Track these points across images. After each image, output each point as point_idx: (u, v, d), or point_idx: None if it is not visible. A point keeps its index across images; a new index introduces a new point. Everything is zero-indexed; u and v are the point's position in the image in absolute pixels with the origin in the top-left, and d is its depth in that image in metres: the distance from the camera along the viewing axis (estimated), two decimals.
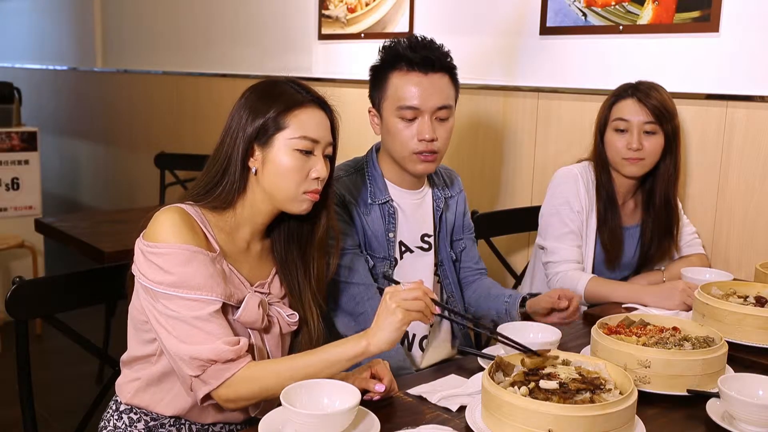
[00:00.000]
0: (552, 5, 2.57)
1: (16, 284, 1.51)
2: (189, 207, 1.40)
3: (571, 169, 2.19)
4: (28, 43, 6.60)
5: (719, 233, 2.28)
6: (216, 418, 1.46)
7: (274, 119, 1.41)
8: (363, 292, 1.77)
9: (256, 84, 1.48)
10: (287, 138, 1.40)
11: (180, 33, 4.53)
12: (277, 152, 1.41)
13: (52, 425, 2.89)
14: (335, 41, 3.43)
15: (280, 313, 1.47)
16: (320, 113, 1.45)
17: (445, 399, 1.35)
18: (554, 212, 2.16)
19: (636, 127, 2.07)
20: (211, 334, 1.30)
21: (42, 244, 4.25)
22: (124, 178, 5.31)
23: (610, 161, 2.15)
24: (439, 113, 1.78)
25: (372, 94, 1.86)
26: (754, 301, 1.71)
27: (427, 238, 1.92)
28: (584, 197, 2.15)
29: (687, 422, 1.30)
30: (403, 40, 1.80)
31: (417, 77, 1.76)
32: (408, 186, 1.89)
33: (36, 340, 3.87)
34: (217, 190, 1.43)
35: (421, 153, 1.78)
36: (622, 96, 2.11)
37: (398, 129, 1.78)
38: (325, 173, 1.44)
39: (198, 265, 1.32)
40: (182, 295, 1.31)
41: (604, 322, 1.53)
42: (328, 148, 1.46)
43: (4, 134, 4.27)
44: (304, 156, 1.41)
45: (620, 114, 2.09)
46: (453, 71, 1.83)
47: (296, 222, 1.52)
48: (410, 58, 1.76)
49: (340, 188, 1.81)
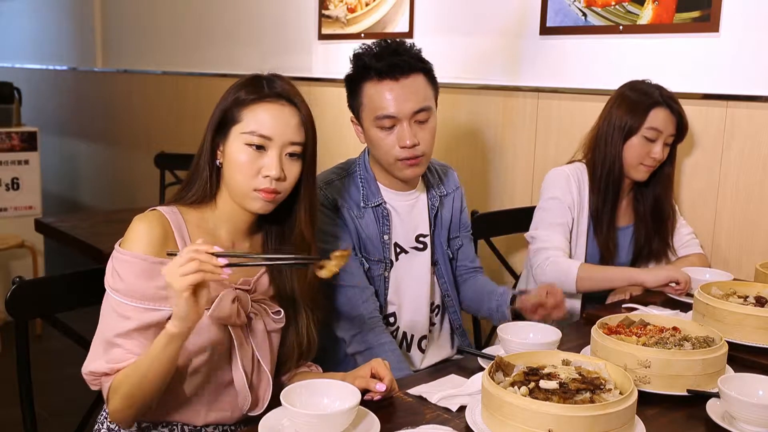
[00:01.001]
0: (552, 5, 2.57)
1: (16, 284, 1.51)
2: (168, 209, 1.40)
3: (563, 169, 2.21)
4: (28, 43, 6.60)
5: (719, 233, 2.28)
6: (207, 419, 1.45)
7: (232, 112, 1.41)
8: (358, 295, 1.76)
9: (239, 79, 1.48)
10: (240, 132, 1.39)
11: (180, 33, 4.53)
12: (231, 145, 1.40)
13: (52, 425, 2.88)
14: (335, 41, 3.43)
15: (266, 310, 1.46)
16: (282, 109, 1.41)
17: (445, 399, 1.35)
18: (545, 207, 2.18)
19: (663, 138, 2.11)
20: (108, 352, 1.32)
21: (42, 244, 4.25)
22: (124, 178, 5.31)
23: (624, 163, 2.15)
24: (417, 116, 1.75)
25: (350, 104, 1.84)
26: (754, 301, 1.70)
27: (423, 237, 1.91)
28: (576, 196, 2.16)
29: (687, 422, 1.30)
30: (373, 45, 1.77)
31: (389, 84, 1.73)
32: (400, 188, 1.88)
33: (36, 340, 3.87)
34: (194, 185, 1.44)
35: (405, 159, 1.76)
36: (656, 104, 2.10)
37: (379, 138, 1.76)
38: (278, 172, 1.38)
39: (153, 275, 1.33)
40: (130, 303, 1.32)
41: (604, 322, 1.53)
42: (290, 147, 1.40)
43: (4, 134, 4.27)
44: (256, 152, 1.38)
45: (656, 124, 2.09)
46: (427, 70, 1.79)
47: (283, 221, 1.51)
48: (378, 68, 1.73)
49: (333, 192, 1.80)
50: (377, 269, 1.83)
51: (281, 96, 1.42)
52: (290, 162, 1.41)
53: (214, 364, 1.42)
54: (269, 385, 1.46)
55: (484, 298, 1.95)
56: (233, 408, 1.46)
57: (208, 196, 1.44)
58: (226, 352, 1.42)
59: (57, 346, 3.69)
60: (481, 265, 2.08)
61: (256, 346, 1.44)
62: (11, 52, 6.83)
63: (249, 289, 1.46)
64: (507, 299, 1.87)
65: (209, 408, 1.44)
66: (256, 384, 1.46)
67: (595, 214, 2.17)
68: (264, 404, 1.46)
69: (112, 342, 1.33)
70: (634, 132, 2.11)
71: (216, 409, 1.45)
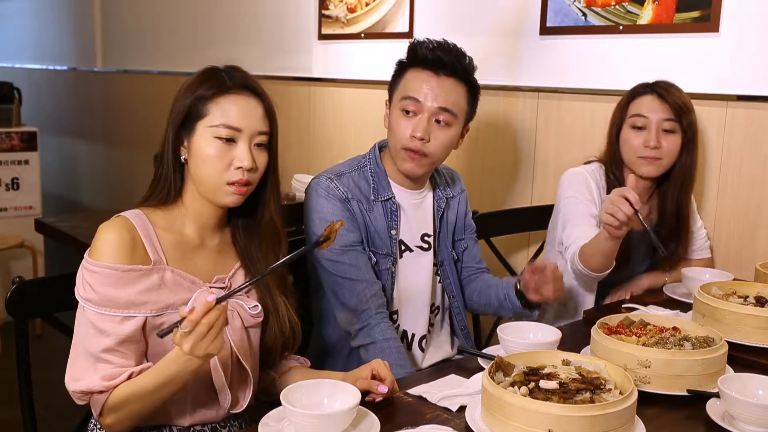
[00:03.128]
0: (552, 5, 2.57)
1: (16, 284, 1.51)
2: (133, 214, 1.40)
3: (580, 170, 2.13)
4: (28, 43, 6.60)
5: (719, 233, 2.28)
6: (193, 419, 1.44)
7: (196, 106, 1.40)
8: (366, 289, 1.77)
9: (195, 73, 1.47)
10: (207, 126, 1.39)
11: (180, 33, 4.53)
12: (198, 140, 1.39)
13: (52, 425, 2.89)
14: (335, 41, 3.43)
15: (242, 306, 1.46)
16: (248, 100, 1.41)
17: (445, 399, 1.34)
18: (563, 208, 2.07)
19: (655, 125, 2.01)
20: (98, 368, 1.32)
21: (42, 244, 4.25)
22: (124, 178, 5.31)
23: (625, 161, 2.08)
24: (439, 115, 1.77)
25: (390, 86, 1.88)
26: (754, 301, 1.70)
27: (427, 237, 1.92)
28: (596, 195, 2.08)
29: (687, 422, 1.30)
30: (433, 41, 1.80)
31: (428, 75, 1.78)
32: (409, 186, 1.89)
33: (36, 340, 3.87)
34: (159, 185, 1.44)
35: (409, 150, 1.78)
36: (640, 93, 2.05)
37: (397, 120, 1.80)
38: (249, 162, 1.39)
39: (125, 284, 1.33)
40: (105, 312, 1.32)
41: (604, 322, 1.53)
42: (258, 137, 1.42)
43: (4, 134, 4.27)
44: (226, 144, 1.38)
45: (638, 110, 2.03)
46: (471, 85, 1.83)
47: (250, 213, 1.51)
48: (426, 57, 1.77)
49: (343, 184, 1.81)
50: (384, 263, 1.83)
51: (246, 87, 1.42)
52: (258, 152, 1.42)
53: None
54: (250, 383, 1.46)
55: (491, 292, 1.95)
56: (217, 407, 1.45)
57: (173, 194, 1.43)
58: None
59: (57, 346, 3.68)
60: (484, 262, 2.08)
61: (235, 344, 1.43)
62: (11, 52, 6.84)
63: (224, 287, 1.45)
64: (512, 287, 1.88)
65: (193, 408, 1.43)
66: (236, 382, 1.46)
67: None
68: (245, 402, 1.46)
69: (100, 358, 1.32)
70: (622, 124, 2.07)
71: (200, 409, 1.44)
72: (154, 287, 1.36)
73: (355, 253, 1.78)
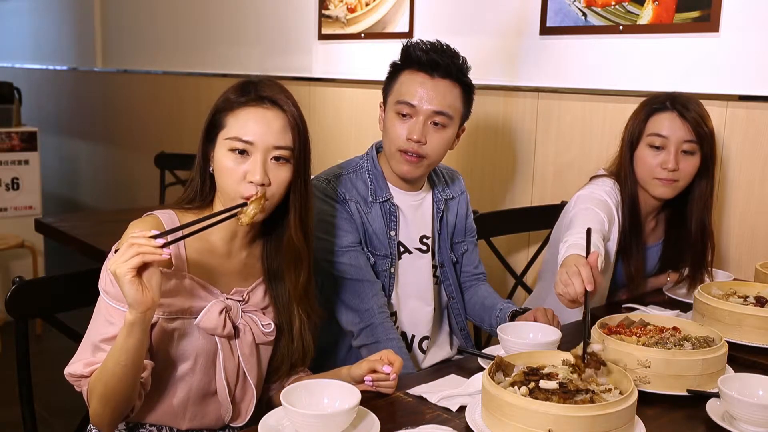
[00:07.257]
0: (552, 5, 2.57)
1: (16, 284, 1.51)
2: (164, 213, 1.40)
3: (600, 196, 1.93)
4: (28, 43, 6.61)
5: (719, 233, 2.27)
6: (191, 425, 1.44)
7: (217, 118, 1.40)
8: (367, 289, 1.77)
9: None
10: (224, 138, 1.38)
11: (180, 33, 4.53)
12: (218, 151, 1.39)
13: (52, 425, 2.89)
14: (335, 41, 3.43)
15: (255, 321, 1.44)
16: (265, 113, 1.37)
17: (445, 399, 1.35)
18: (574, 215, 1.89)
19: (674, 145, 1.90)
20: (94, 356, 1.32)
21: (42, 244, 4.25)
22: (124, 178, 5.31)
23: (639, 179, 1.98)
24: (435, 117, 1.76)
25: (384, 88, 1.87)
26: (754, 301, 1.71)
27: (426, 239, 1.92)
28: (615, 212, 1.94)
29: (687, 422, 1.30)
30: (426, 41, 1.80)
31: (423, 77, 1.76)
32: (406, 187, 1.88)
33: (36, 340, 3.87)
34: (190, 189, 1.44)
35: (406, 152, 1.77)
36: (660, 108, 1.94)
37: (393, 123, 1.79)
38: (261, 177, 1.34)
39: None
40: (119, 307, 1.31)
41: (604, 322, 1.54)
42: (275, 151, 1.36)
43: (4, 134, 4.27)
44: (239, 157, 1.36)
45: (658, 129, 1.92)
46: (466, 86, 1.81)
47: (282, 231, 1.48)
48: (420, 58, 1.76)
49: (341, 185, 1.81)
50: (383, 264, 1.83)
51: (265, 99, 1.38)
52: (276, 167, 1.37)
53: (199, 373, 1.41)
54: (253, 398, 1.46)
55: (484, 315, 1.95)
56: (216, 417, 1.46)
57: (203, 198, 1.43)
58: (212, 361, 1.41)
59: (57, 346, 3.69)
60: (482, 266, 2.08)
61: (243, 359, 1.43)
62: (11, 52, 6.84)
63: (242, 300, 1.45)
64: (506, 318, 1.86)
65: (193, 416, 1.43)
66: (239, 396, 1.46)
67: (621, 233, 1.96)
68: (246, 417, 1.46)
69: (99, 347, 1.32)
70: (637, 141, 1.96)
71: (199, 417, 1.44)
72: (170, 291, 1.36)
73: (355, 253, 1.78)
